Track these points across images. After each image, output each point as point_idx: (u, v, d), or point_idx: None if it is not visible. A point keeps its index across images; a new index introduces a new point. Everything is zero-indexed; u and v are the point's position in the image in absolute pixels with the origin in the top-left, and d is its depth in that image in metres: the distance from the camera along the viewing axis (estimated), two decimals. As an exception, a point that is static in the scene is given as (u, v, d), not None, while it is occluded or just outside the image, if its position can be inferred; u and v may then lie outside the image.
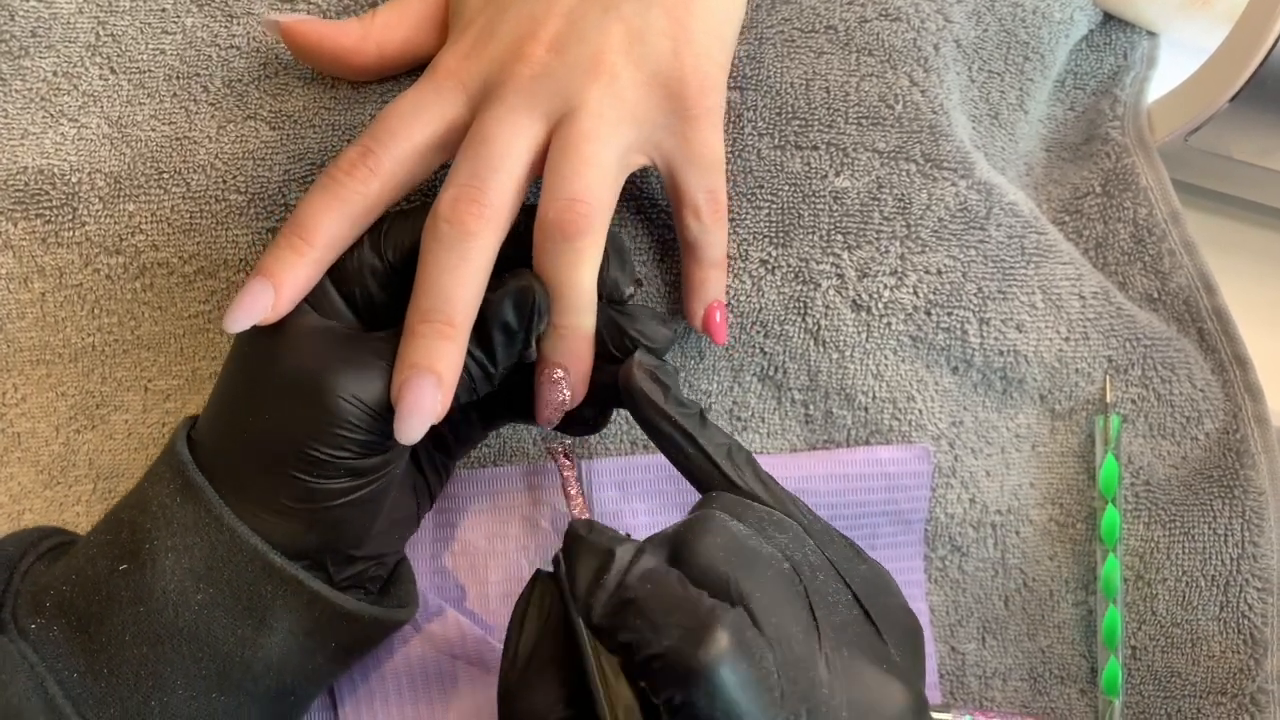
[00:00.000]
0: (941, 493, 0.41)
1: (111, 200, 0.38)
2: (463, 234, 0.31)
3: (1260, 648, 0.40)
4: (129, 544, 0.31)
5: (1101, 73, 0.49)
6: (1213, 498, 0.41)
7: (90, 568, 0.32)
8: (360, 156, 0.32)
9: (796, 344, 0.40)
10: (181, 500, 0.31)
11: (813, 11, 0.41)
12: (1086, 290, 0.42)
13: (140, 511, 0.32)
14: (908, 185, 0.40)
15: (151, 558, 0.31)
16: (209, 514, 0.31)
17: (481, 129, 0.33)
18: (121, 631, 0.31)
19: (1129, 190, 0.45)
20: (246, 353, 0.33)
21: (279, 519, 0.31)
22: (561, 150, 0.33)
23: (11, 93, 0.40)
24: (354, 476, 0.31)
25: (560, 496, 0.40)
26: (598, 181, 0.33)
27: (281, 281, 0.31)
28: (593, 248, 0.33)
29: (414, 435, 0.30)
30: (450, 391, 0.31)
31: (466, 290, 0.31)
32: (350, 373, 0.30)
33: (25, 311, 0.39)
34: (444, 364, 0.31)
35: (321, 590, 0.32)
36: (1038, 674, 0.42)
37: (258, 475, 0.31)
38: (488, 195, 0.32)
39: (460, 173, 0.32)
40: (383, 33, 0.37)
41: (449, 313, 0.31)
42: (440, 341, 0.31)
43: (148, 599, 0.31)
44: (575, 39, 0.33)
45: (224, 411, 0.32)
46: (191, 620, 0.31)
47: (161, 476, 0.32)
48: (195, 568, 0.31)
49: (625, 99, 0.33)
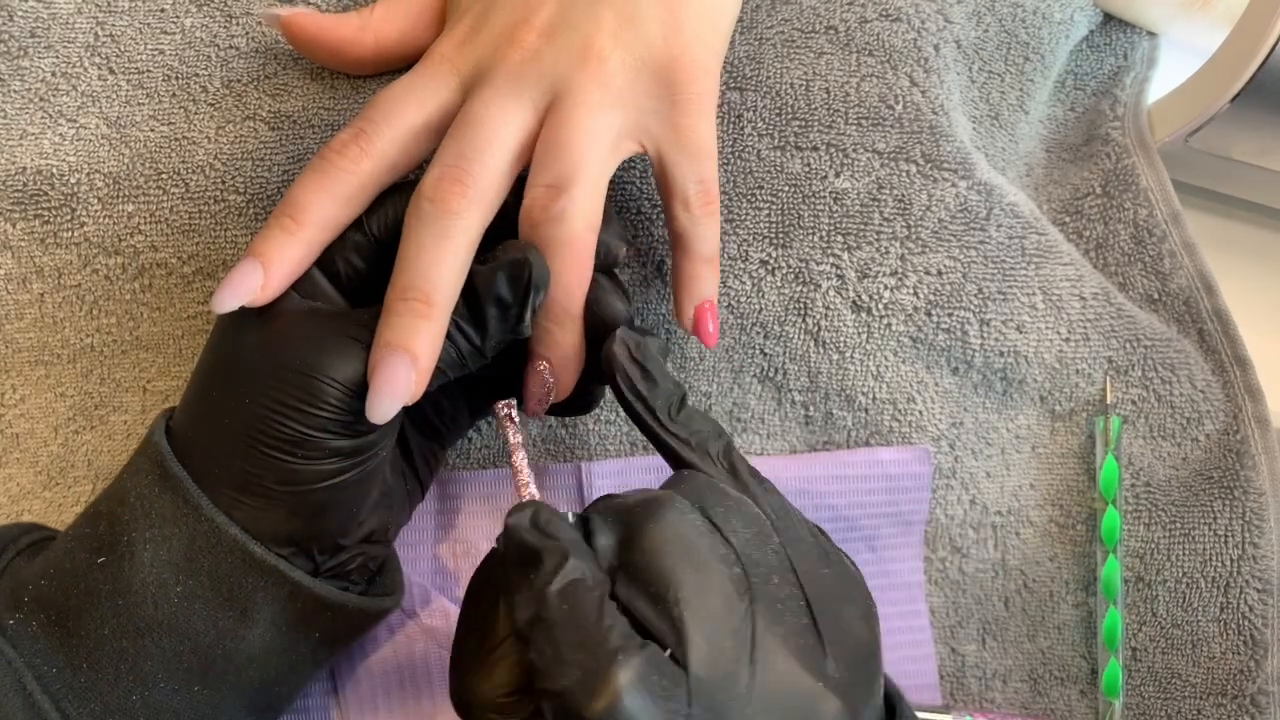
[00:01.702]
0: (942, 494, 0.41)
1: (110, 201, 0.38)
2: (444, 212, 0.31)
3: (1260, 649, 0.40)
4: (107, 536, 0.31)
5: (1102, 73, 0.49)
6: (1213, 499, 0.41)
7: (68, 561, 0.31)
8: (352, 137, 0.32)
9: (797, 345, 0.40)
10: (160, 491, 0.31)
11: (813, 12, 0.41)
12: (1087, 291, 0.42)
13: (118, 503, 0.31)
14: (908, 186, 0.40)
15: (130, 550, 0.31)
16: (187, 504, 0.31)
17: (469, 111, 0.33)
18: (100, 625, 0.30)
19: (1129, 191, 0.45)
20: (224, 337, 0.32)
21: (263, 504, 0.31)
22: (550, 136, 0.33)
23: (10, 93, 0.40)
24: (339, 458, 0.31)
25: (559, 498, 0.40)
26: (581, 168, 0.32)
27: (271, 260, 0.31)
28: (588, 244, 0.32)
29: (385, 414, 0.30)
30: (427, 372, 0.30)
31: (446, 268, 0.31)
32: (329, 352, 0.30)
33: (24, 312, 0.39)
34: (420, 343, 0.30)
35: (304, 581, 0.31)
36: (1038, 675, 0.42)
37: (239, 459, 0.31)
38: (472, 175, 0.31)
39: (446, 153, 0.32)
40: (381, 25, 0.37)
41: (427, 290, 0.30)
42: (417, 320, 0.30)
43: (126, 591, 0.30)
44: (566, 25, 0.33)
45: (203, 397, 0.32)
46: (171, 612, 0.30)
47: (140, 468, 0.32)
48: (174, 559, 0.30)
49: (613, 84, 0.33)
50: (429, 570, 0.39)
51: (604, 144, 0.33)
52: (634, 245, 0.38)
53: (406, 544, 0.39)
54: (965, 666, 0.42)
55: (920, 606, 0.42)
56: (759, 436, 0.40)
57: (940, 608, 0.42)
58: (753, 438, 0.40)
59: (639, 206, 0.39)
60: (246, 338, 0.31)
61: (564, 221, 0.32)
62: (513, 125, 0.33)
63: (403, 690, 0.39)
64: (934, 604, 0.42)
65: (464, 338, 0.32)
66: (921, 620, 0.42)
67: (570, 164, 0.32)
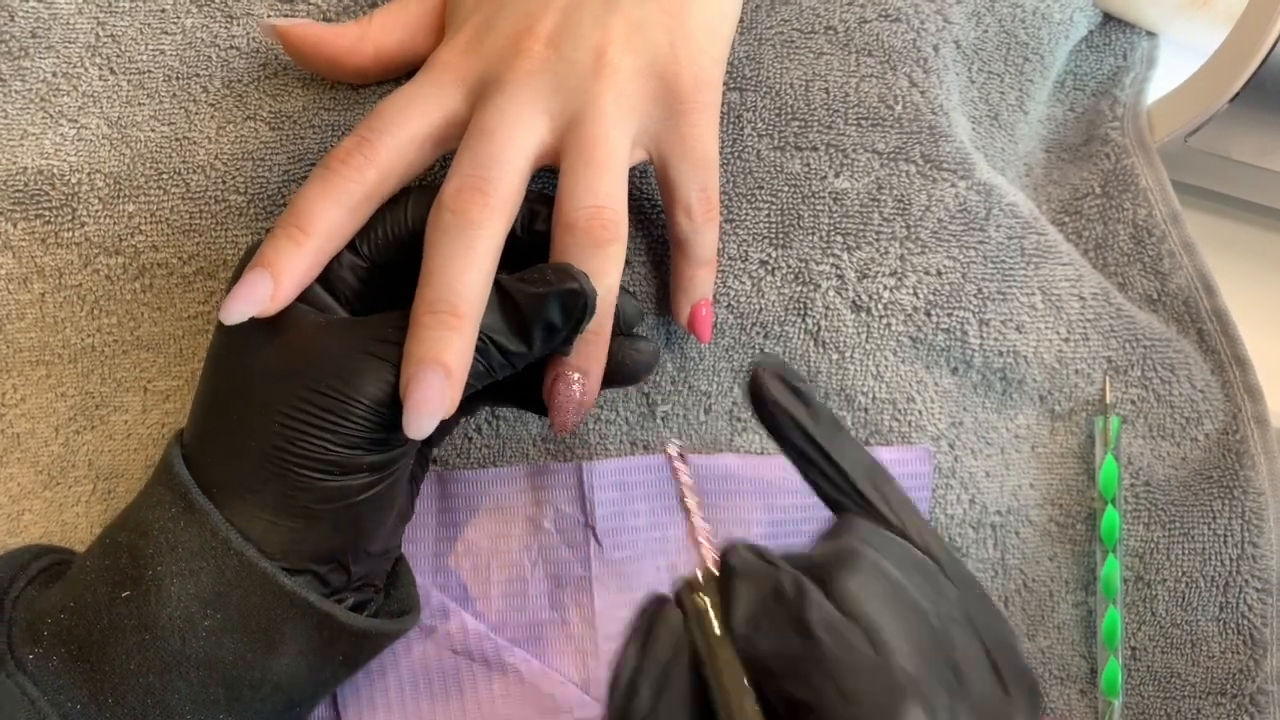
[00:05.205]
0: (941, 493, 0.41)
1: (111, 201, 0.38)
2: (467, 223, 0.31)
3: (1260, 648, 0.40)
4: (130, 570, 0.31)
5: (1101, 73, 0.49)
6: (1212, 498, 0.41)
7: (89, 594, 0.31)
8: (356, 145, 0.32)
9: (796, 345, 0.40)
10: (185, 524, 0.30)
11: (812, 12, 0.41)
12: (1086, 291, 0.42)
13: (140, 535, 0.31)
14: (907, 186, 0.40)
15: (156, 584, 0.30)
16: (215, 537, 0.30)
17: (484, 121, 0.33)
18: (126, 660, 0.30)
19: (1128, 191, 0.45)
20: (234, 351, 0.32)
21: (303, 524, 0.31)
22: (578, 154, 0.33)
23: (11, 93, 0.40)
24: (370, 472, 0.31)
25: (560, 497, 0.40)
26: (617, 185, 0.33)
27: (280, 270, 0.30)
28: (621, 252, 0.33)
29: (424, 430, 0.29)
30: (460, 384, 0.30)
31: (472, 280, 0.30)
32: (353, 369, 0.30)
33: (25, 312, 0.39)
34: (451, 355, 0.30)
35: (333, 611, 0.31)
36: (1037, 674, 0.42)
37: (273, 481, 0.30)
38: (492, 185, 0.31)
39: (463, 163, 0.32)
40: (380, 35, 0.37)
41: (454, 302, 0.30)
42: (446, 333, 0.30)
43: (153, 626, 0.30)
44: (573, 33, 0.33)
45: (221, 418, 0.31)
46: (199, 646, 0.30)
47: (161, 500, 0.31)
48: (202, 593, 0.30)
49: (626, 92, 0.33)
50: (429, 570, 0.39)
51: (626, 155, 0.34)
52: None
53: (406, 543, 0.39)
54: (965, 666, 0.42)
55: (920, 606, 0.42)
56: (759, 436, 0.40)
57: (940, 607, 0.42)
58: (753, 437, 0.40)
59: (639, 207, 0.39)
60: (262, 354, 0.31)
61: (617, 241, 0.32)
62: (529, 134, 0.33)
63: (403, 691, 0.39)
64: (934, 603, 0.42)
65: (497, 350, 0.31)
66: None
67: (608, 181, 0.33)
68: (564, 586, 0.40)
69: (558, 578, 0.40)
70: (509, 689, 0.39)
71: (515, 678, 0.39)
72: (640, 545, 0.40)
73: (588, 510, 0.39)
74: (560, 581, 0.40)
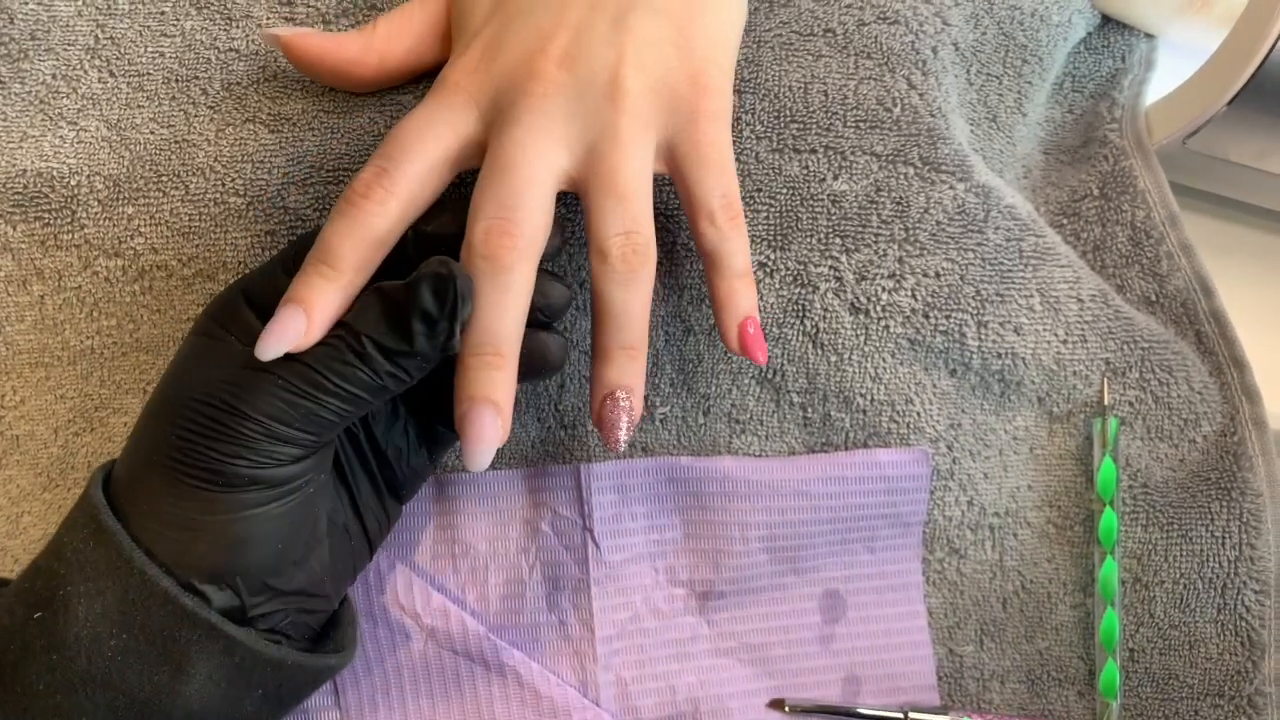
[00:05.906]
0: (939, 495, 0.41)
1: (110, 203, 0.38)
2: (499, 268, 0.32)
3: (1257, 650, 0.40)
4: (44, 591, 0.31)
5: (1099, 75, 0.49)
6: (1210, 500, 0.41)
7: (7, 618, 0.31)
8: (375, 177, 0.32)
9: (795, 347, 0.40)
10: (94, 544, 0.31)
11: (811, 15, 0.41)
12: (1084, 293, 0.42)
13: (55, 558, 0.31)
14: (906, 188, 0.40)
15: (65, 604, 0.30)
16: (120, 556, 0.30)
17: (502, 156, 0.33)
18: (35, 681, 0.30)
19: (1127, 193, 0.45)
20: (169, 374, 0.33)
21: (188, 536, 0.31)
22: (601, 187, 0.33)
23: (10, 96, 0.40)
24: (259, 488, 0.31)
25: (558, 500, 0.40)
26: (643, 209, 0.33)
27: (313, 306, 0.31)
28: (651, 274, 0.34)
29: (483, 463, 0.32)
30: (509, 416, 0.32)
31: (510, 321, 0.32)
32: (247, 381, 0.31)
33: (24, 314, 0.39)
34: (499, 392, 0.32)
35: (238, 635, 0.31)
36: (1035, 676, 0.42)
37: (167, 492, 0.31)
38: (519, 225, 0.32)
39: (488, 204, 0.32)
40: (385, 44, 0.37)
41: (496, 344, 0.32)
42: (493, 373, 0.32)
43: (61, 646, 0.30)
44: (585, 54, 0.33)
45: (139, 434, 0.33)
46: (105, 667, 0.30)
47: (75, 521, 0.32)
48: (108, 613, 0.30)
49: (642, 112, 0.33)
50: (428, 570, 0.39)
51: (648, 177, 0.34)
52: None
53: (405, 544, 0.40)
54: (963, 667, 0.42)
55: (918, 607, 0.42)
56: (757, 438, 0.40)
57: (938, 609, 0.42)
58: (751, 439, 0.40)
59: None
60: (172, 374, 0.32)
61: (648, 263, 0.33)
62: (549, 167, 0.33)
63: (403, 690, 0.39)
64: (932, 605, 0.42)
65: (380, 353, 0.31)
66: (920, 621, 0.42)
67: (634, 207, 0.33)
68: (562, 589, 0.40)
69: (555, 580, 0.40)
70: (507, 690, 0.39)
71: (514, 679, 0.39)
72: (638, 548, 0.40)
73: (586, 513, 0.39)
74: (558, 584, 0.40)
